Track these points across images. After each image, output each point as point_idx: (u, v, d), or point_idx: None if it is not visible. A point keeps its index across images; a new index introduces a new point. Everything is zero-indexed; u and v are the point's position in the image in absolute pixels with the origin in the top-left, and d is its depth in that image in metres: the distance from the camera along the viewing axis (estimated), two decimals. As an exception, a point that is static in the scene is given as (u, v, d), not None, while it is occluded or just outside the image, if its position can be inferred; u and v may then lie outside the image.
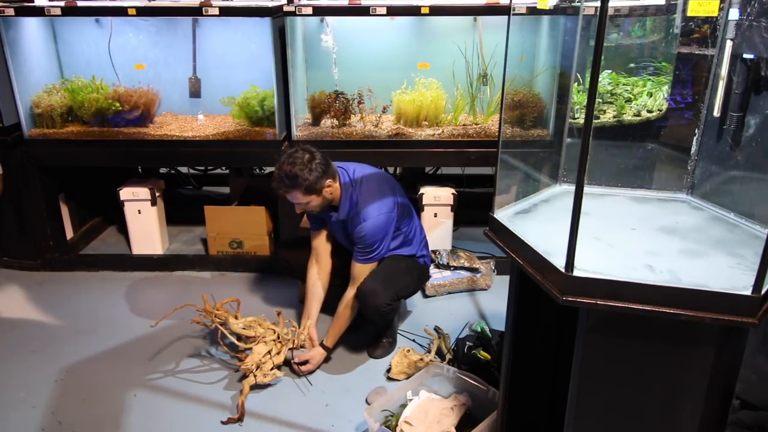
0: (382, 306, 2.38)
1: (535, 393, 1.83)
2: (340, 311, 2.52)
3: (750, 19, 1.64)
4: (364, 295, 2.39)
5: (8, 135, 3.13)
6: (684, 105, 2.14)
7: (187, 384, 2.43)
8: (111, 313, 2.96)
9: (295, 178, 2.29)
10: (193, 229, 3.76)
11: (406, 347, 2.49)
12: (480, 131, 3.17)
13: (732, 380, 1.39)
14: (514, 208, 1.73)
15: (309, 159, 2.32)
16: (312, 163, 2.31)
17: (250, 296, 3.07)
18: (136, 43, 3.43)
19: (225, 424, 2.21)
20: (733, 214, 1.65)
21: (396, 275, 2.49)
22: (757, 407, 1.95)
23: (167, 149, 3.22)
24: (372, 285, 2.40)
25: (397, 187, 2.57)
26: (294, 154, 2.33)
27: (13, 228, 3.34)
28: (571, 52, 1.89)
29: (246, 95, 3.23)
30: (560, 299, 1.32)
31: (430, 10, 2.90)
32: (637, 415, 1.42)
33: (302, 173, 2.29)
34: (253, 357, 2.37)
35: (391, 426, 2.05)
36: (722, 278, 1.32)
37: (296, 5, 2.90)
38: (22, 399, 2.34)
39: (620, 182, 1.85)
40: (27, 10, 3.00)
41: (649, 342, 1.35)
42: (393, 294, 2.43)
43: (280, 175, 2.33)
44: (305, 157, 2.32)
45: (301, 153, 2.33)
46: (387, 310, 2.42)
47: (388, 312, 2.44)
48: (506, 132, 2.92)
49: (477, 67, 3.26)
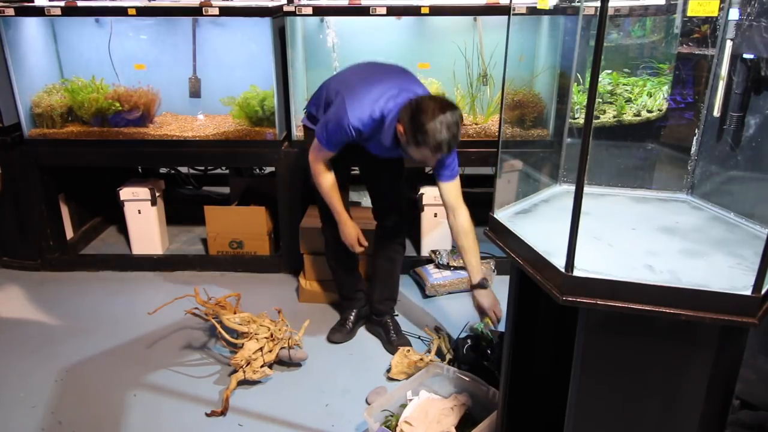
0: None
1: (535, 393, 1.83)
2: (470, 242, 2.30)
3: (750, 19, 1.64)
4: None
5: (8, 135, 3.13)
6: (684, 105, 2.14)
7: (188, 383, 2.43)
8: (111, 313, 2.96)
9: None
10: (193, 229, 3.76)
11: (406, 347, 2.49)
12: (480, 131, 3.17)
13: (732, 380, 1.39)
14: (514, 208, 1.73)
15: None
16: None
17: (250, 296, 3.07)
18: (136, 43, 3.43)
19: (209, 416, 2.23)
20: (733, 214, 1.65)
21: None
22: (757, 407, 1.95)
23: (167, 149, 3.22)
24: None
25: (376, 70, 2.34)
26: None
27: (13, 228, 3.34)
28: (571, 52, 1.89)
29: (246, 95, 3.23)
30: (560, 299, 1.32)
31: (430, 10, 2.90)
32: (637, 415, 1.42)
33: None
34: (243, 353, 2.38)
35: (391, 426, 2.05)
36: (722, 278, 1.32)
37: (296, 5, 2.90)
38: (22, 399, 2.34)
39: (620, 182, 1.85)
40: (27, 10, 3.00)
41: (649, 342, 1.35)
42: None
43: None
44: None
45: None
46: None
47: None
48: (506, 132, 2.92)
49: (477, 67, 3.26)
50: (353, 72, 2.39)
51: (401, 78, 2.29)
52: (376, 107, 2.14)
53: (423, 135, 1.99)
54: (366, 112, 2.14)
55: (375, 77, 2.26)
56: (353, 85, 2.24)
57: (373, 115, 2.14)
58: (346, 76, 2.38)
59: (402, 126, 2.06)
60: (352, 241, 2.46)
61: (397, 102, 2.14)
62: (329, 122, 2.20)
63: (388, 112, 2.14)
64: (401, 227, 2.64)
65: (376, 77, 2.26)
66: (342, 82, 2.33)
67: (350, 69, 2.45)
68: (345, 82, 2.31)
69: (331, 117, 2.20)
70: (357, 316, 2.78)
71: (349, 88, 2.23)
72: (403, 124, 2.06)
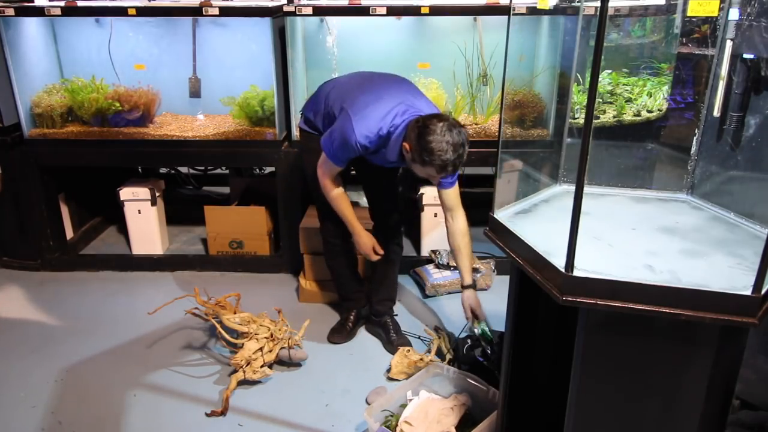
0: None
1: (535, 393, 1.83)
2: (465, 244, 2.39)
3: (750, 19, 1.64)
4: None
5: (8, 135, 3.13)
6: (684, 105, 2.14)
7: (188, 383, 2.43)
8: (111, 313, 2.96)
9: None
10: (193, 229, 3.76)
11: (406, 347, 2.49)
12: (480, 131, 3.17)
13: (732, 380, 1.39)
14: (514, 208, 1.73)
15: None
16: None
17: (250, 296, 3.07)
18: (136, 43, 3.43)
19: (209, 416, 2.23)
20: (733, 214, 1.65)
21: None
22: (757, 407, 1.95)
23: (167, 149, 3.22)
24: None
25: (375, 82, 2.31)
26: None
27: (13, 228, 3.34)
28: (571, 52, 1.89)
29: (246, 95, 3.23)
30: (560, 299, 1.32)
31: (430, 10, 2.90)
32: (637, 415, 1.42)
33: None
34: (243, 353, 2.38)
35: (391, 426, 2.05)
36: (722, 278, 1.32)
37: (296, 5, 2.90)
38: (22, 399, 2.34)
39: (620, 182, 1.85)
40: (27, 10, 3.00)
41: (649, 342, 1.35)
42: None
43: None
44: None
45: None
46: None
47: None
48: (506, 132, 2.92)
49: (477, 67, 3.26)
50: (354, 82, 2.37)
51: (405, 91, 2.28)
52: (383, 124, 2.15)
53: (430, 155, 2.01)
54: (373, 129, 2.15)
55: (378, 90, 2.25)
56: (357, 98, 2.23)
57: (381, 132, 2.16)
58: (347, 86, 2.35)
59: (408, 144, 2.08)
60: (368, 251, 2.49)
61: (404, 119, 2.15)
62: (335, 139, 2.21)
63: (395, 128, 2.15)
64: (399, 227, 2.65)
65: (379, 90, 2.25)
66: (344, 93, 2.31)
67: (350, 78, 2.43)
68: (347, 93, 2.29)
69: (337, 134, 2.20)
70: (357, 317, 2.78)
71: (353, 101, 2.22)
72: (409, 142, 2.07)
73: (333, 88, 2.40)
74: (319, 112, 2.41)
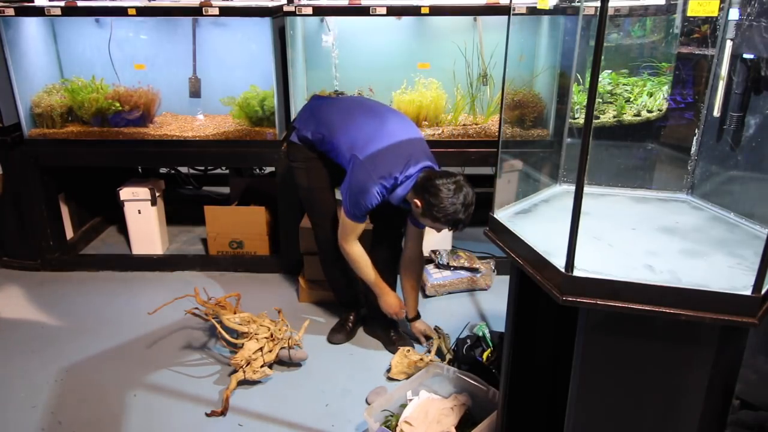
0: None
1: (535, 393, 1.83)
2: (416, 271, 2.59)
3: (750, 19, 1.64)
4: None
5: (8, 135, 3.13)
6: (684, 105, 2.14)
7: (188, 383, 2.43)
8: (111, 313, 2.96)
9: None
10: (193, 229, 3.76)
11: (406, 347, 2.49)
12: (480, 131, 3.17)
13: (732, 380, 1.39)
14: (514, 208, 1.73)
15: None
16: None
17: (250, 296, 3.07)
18: (136, 43, 3.43)
19: (209, 416, 2.23)
20: (733, 214, 1.65)
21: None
22: (757, 407, 1.95)
23: (167, 149, 3.22)
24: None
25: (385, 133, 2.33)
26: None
27: (13, 228, 3.34)
28: (571, 52, 1.89)
29: (246, 95, 3.23)
30: (560, 299, 1.32)
31: (430, 10, 2.90)
32: (637, 415, 1.42)
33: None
34: (243, 353, 2.39)
35: (391, 426, 2.05)
36: (722, 278, 1.32)
37: (296, 5, 2.90)
38: (22, 399, 2.34)
39: (620, 182, 1.85)
40: (27, 10, 3.00)
41: (649, 342, 1.35)
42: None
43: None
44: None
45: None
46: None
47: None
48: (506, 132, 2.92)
49: (477, 67, 3.26)
50: (356, 121, 2.37)
51: (411, 136, 2.34)
52: (397, 173, 2.25)
53: (442, 214, 2.15)
54: (389, 180, 2.25)
55: (385, 133, 2.30)
56: (365, 144, 2.27)
57: (396, 181, 2.27)
58: (349, 126, 2.37)
59: (420, 201, 2.20)
60: (395, 311, 2.56)
61: (410, 173, 2.25)
62: (357, 198, 2.26)
63: (404, 179, 2.26)
64: (399, 227, 2.65)
65: (387, 134, 2.30)
66: (347, 134, 2.34)
67: (348, 115, 2.42)
68: (353, 137, 2.32)
69: (356, 191, 2.26)
70: (357, 317, 2.78)
71: (362, 148, 2.26)
72: (420, 200, 2.20)
73: (330, 117, 2.43)
74: (314, 131, 2.45)
